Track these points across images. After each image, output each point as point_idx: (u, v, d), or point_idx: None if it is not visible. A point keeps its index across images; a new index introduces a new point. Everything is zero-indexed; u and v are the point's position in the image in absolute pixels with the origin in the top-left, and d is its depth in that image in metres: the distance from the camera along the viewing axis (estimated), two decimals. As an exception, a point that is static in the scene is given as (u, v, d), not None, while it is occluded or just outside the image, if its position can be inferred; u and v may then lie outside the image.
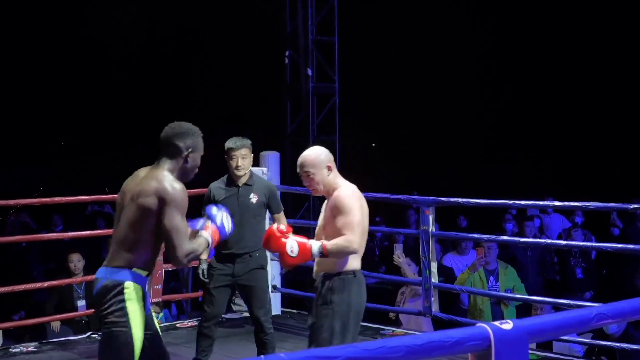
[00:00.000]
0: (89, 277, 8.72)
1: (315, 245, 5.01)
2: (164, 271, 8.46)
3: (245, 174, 6.59)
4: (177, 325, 8.69)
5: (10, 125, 23.59)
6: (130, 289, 4.46)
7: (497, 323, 3.31)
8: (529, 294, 8.78)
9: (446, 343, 3.16)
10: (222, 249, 6.54)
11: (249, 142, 6.61)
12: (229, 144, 6.58)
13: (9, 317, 9.86)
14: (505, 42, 20.90)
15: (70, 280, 8.75)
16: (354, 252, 5.02)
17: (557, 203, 8.21)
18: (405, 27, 20.52)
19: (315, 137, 12.85)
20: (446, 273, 9.65)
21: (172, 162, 4.59)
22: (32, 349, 7.69)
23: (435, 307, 7.82)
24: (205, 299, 6.70)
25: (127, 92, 23.41)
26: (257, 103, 17.83)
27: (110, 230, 4.91)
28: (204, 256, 6.63)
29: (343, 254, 5.01)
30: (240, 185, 6.59)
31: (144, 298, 4.53)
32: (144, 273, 4.53)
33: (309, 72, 12.74)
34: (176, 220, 4.45)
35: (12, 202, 8.25)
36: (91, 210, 14.72)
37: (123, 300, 4.45)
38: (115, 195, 4.79)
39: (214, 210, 4.78)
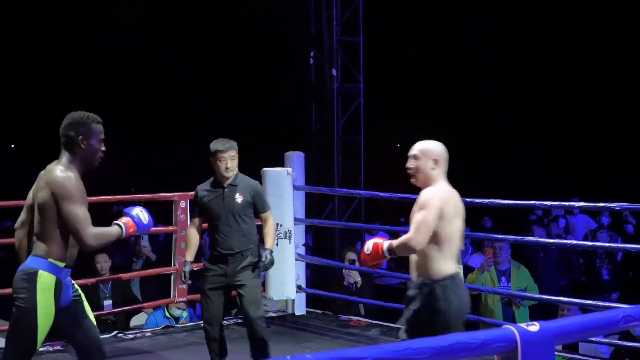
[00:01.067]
0: (115, 277, 8.76)
1: (385, 243, 5.02)
2: (190, 271, 8.47)
3: (231, 175, 6.59)
4: (203, 324, 8.68)
5: (34, 126, 23.69)
6: (44, 278, 4.64)
7: (523, 325, 3.31)
8: (545, 295, 8.68)
9: (472, 344, 3.15)
10: (214, 250, 6.61)
11: (235, 143, 6.60)
12: (217, 146, 6.56)
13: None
14: (532, 43, 20.83)
15: (96, 279, 8.78)
16: (413, 250, 4.92)
17: (582, 204, 8.15)
18: (430, 28, 20.47)
19: (340, 137, 12.85)
20: (472, 274, 9.61)
21: (69, 153, 4.76)
22: (58, 347, 7.71)
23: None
24: (202, 302, 6.76)
25: (151, 93, 23.48)
26: (282, 104, 17.82)
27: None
28: (188, 257, 6.76)
29: (406, 250, 4.95)
30: (225, 186, 6.59)
31: (59, 288, 4.69)
32: (61, 264, 4.69)
33: (334, 72, 12.72)
34: (70, 207, 4.60)
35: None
36: (116, 210, 14.75)
37: (35, 287, 4.63)
38: (141, 195, 4.94)
39: (131, 208, 4.91)
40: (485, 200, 7.44)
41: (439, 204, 4.94)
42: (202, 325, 6.62)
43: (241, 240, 6.53)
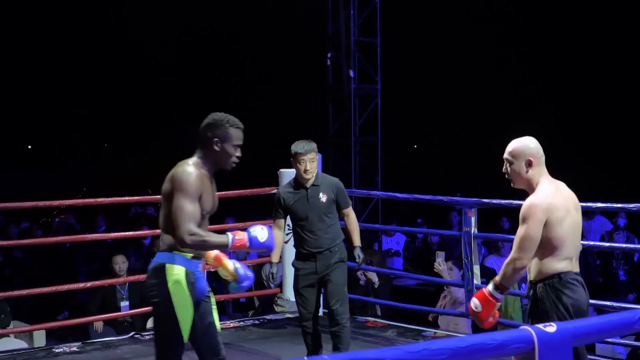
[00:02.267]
0: (131, 278, 8.77)
1: (489, 286, 4.80)
2: (207, 272, 8.47)
3: (311, 176, 6.69)
4: (220, 326, 8.69)
5: (53, 126, 23.81)
6: (173, 270, 4.63)
7: (540, 326, 3.30)
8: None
9: (490, 345, 3.15)
10: (302, 249, 6.72)
11: (315, 145, 6.72)
12: (297, 148, 6.65)
13: (52, 317, 9.94)
14: (550, 44, 20.78)
15: (114, 280, 8.78)
16: (521, 269, 4.72)
17: (599, 204, 8.13)
18: (448, 28, 20.45)
19: (357, 138, 12.84)
20: (489, 275, 9.57)
21: (202, 151, 4.79)
22: (75, 349, 7.73)
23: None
24: (297, 301, 6.84)
25: (169, 94, 23.53)
26: (300, 104, 17.85)
27: (153, 231, 5.02)
28: (274, 259, 6.90)
29: (516, 276, 4.77)
30: (308, 186, 6.69)
31: (190, 279, 4.65)
32: (188, 255, 4.66)
33: (351, 73, 12.73)
34: (180, 201, 4.58)
35: (55, 202, 8.30)
36: (134, 212, 14.80)
37: (164, 281, 4.62)
38: (159, 196, 4.89)
39: (254, 226, 4.79)
40: (503, 201, 7.42)
41: (540, 215, 4.72)
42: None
43: (329, 238, 6.67)
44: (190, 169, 4.67)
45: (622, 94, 19.91)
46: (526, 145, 4.92)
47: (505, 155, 4.92)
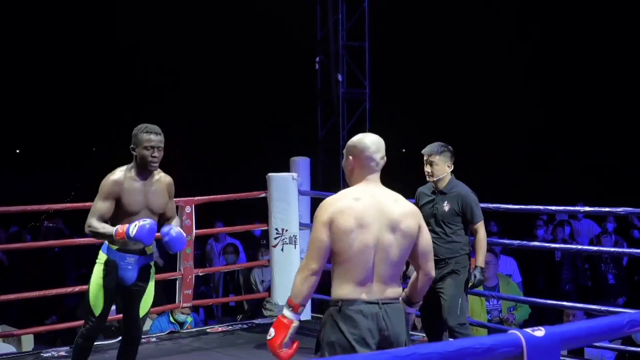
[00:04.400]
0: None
1: (283, 310, 4.42)
2: (194, 276, 8.48)
3: (438, 180, 6.51)
4: (208, 330, 8.69)
5: (41, 130, 23.77)
6: (100, 256, 5.81)
7: (529, 330, 3.28)
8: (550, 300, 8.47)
9: (478, 350, 3.13)
10: None
11: (436, 147, 6.53)
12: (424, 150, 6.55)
13: (41, 321, 9.91)
14: (539, 48, 20.83)
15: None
16: (311, 277, 4.31)
17: (588, 208, 8.15)
18: (437, 32, 20.49)
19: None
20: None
21: (133, 160, 5.70)
22: (63, 353, 7.71)
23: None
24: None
25: (158, 98, 23.50)
26: (288, 109, 17.87)
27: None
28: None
29: (305, 285, 4.35)
30: (438, 192, 6.54)
31: (111, 265, 5.74)
32: (114, 247, 5.72)
33: (340, 77, 12.72)
34: (95, 200, 5.67)
35: (43, 207, 8.29)
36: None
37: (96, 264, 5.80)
38: None
39: (134, 222, 5.55)
40: (491, 205, 7.43)
41: (324, 217, 4.21)
42: (207, 330, 6.60)
43: (446, 248, 6.43)
44: (111, 175, 5.65)
45: (613, 100, 19.98)
46: (353, 140, 4.47)
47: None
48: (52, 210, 10.16)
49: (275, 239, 8.60)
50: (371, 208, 4.25)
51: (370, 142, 4.42)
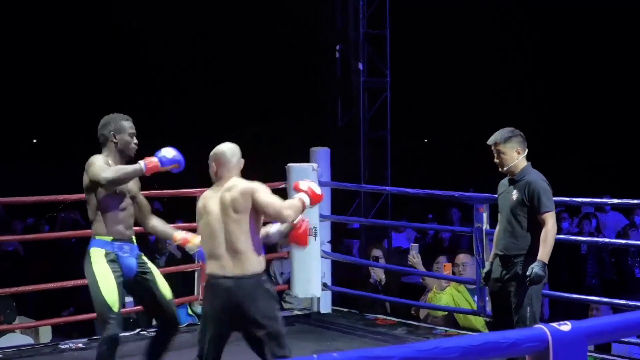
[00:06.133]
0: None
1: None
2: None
3: (509, 169, 6.19)
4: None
5: (60, 123, 23.76)
6: (94, 253, 5.65)
7: (555, 324, 3.25)
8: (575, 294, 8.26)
9: (503, 344, 3.11)
10: (495, 248, 6.25)
11: (500, 135, 6.23)
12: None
13: (58, 313, 9.88)
14: (562, 39, 20.66)
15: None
16: None
17: (615, 200, 8.00)
18: (459, 20, 20.34)
19: (366, 132, 12.71)
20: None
21: (106, 149, 5.73)
22: (80, 345, 7.69)
23: (489, 307, 7.59)
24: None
25: (176, 89, 23.46)
26: (307, 99, 17.76)
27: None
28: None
29: None
30: (511, 182, 6.22)
31: (109, 257, 5.63)
32: (108, 238, 5.66)
33: (360, 66, 12.59)
34: (92, 168, 5.57)
35: (60, 197, 8.24)
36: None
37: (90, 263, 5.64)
38: (165, 191, 5.38)
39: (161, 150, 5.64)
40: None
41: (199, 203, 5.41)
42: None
43: (511, 243, 6.10)
44: (96, 159, 5.61)
45: (635, 88, 19.79)
46: (222, 151, 5.42)
47: None
48: (69, 201, 10.12)
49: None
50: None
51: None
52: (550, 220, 6.03)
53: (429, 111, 21.53)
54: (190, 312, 8.75)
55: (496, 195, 6.55)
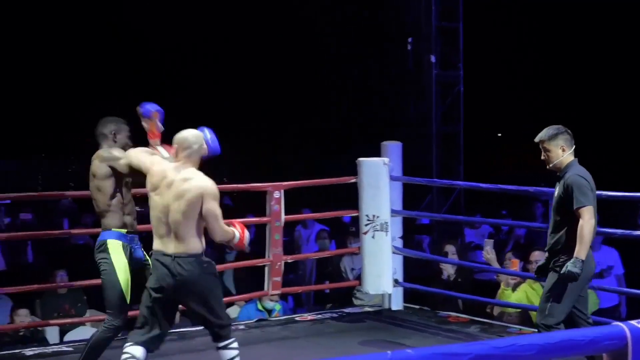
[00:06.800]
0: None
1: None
2: (284, 263, 8.34)
3: (554, 166, 6.09)
4: (297, 318, 8.54)
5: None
6: (112, 245, 5.99)
7: (634, 322, 3.18)
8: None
9: (581, 342, 3.05)
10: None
11: (545, 133, 6.11)
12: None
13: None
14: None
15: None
16: None
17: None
18: (532, 13, 20.09)
19: (439, 126, 12.60)
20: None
21: (104, 144, 6.14)
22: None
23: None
24: None
25: (249, 83, 23.47)
26: (379, 92, 17.66)
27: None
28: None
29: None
30: (557, 178, 6.15)
31: (126, 250, 5.98)
32: (123, 230, 6.01)
33: (433, 59, 12.49)
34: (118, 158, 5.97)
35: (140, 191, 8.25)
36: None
37: (108, 254, 5.97)
38: (234, 185, 5.31)
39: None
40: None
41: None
42: (295, 318, 6.47)
43: (552, 239, 6.06)
44: (113, 149, 6.04)
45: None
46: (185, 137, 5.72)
47: None
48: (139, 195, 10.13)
49: (366, 225, 8.42)
50: None
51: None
52: (585, 215, 5.89)
53: (503, 105, 21.29)
54: (260, 307, 8.71)
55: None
